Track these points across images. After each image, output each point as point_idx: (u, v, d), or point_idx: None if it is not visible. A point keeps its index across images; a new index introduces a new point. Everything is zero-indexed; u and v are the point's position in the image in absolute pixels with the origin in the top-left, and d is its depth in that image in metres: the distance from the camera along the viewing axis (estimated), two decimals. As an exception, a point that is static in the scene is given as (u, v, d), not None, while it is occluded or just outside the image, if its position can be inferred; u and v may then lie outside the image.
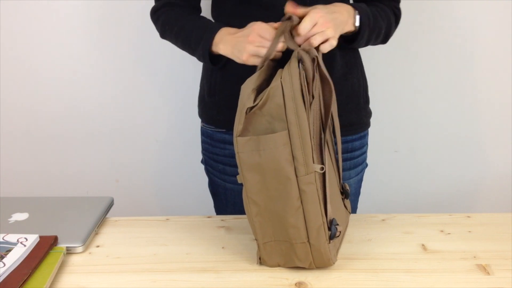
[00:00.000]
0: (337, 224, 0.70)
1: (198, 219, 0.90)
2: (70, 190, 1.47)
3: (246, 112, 0.67)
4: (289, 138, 0.66)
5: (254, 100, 0.68)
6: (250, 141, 0.67)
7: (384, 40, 0.96)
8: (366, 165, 1.08)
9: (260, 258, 0.74)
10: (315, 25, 0.77)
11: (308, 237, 0.69)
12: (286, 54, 0.78)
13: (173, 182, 1.48)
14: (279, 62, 0.81)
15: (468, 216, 0.90)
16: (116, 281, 0.71)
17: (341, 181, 0.83)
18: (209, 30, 0.88)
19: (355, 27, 0.86)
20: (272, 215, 0.70)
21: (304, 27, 0.77)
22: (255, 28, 0.79)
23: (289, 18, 0.78)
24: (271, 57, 0.78)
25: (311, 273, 0.72)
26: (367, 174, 1.09)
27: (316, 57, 0.69)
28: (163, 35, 0.98)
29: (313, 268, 0.72)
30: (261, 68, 0.76)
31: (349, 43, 0.90)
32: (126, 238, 0.83)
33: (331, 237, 0.69)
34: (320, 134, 0.71)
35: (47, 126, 1.40)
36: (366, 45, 0.93)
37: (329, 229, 0.70)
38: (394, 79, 1.35)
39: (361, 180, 1.08)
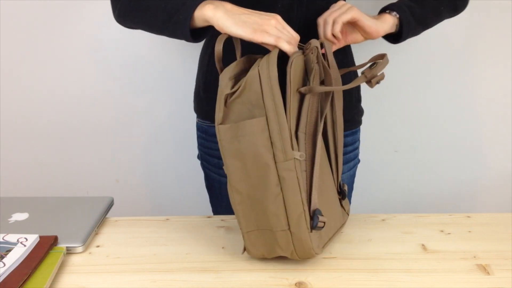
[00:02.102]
0: (321, 215, 0.70)
1: (198, 219, 0.90)
2: (70, 190, 1.47)
3: (225, 99, 0.68)
4: (267, 124, 0.67)
5: (232, 88, 0.68)
6: (231, 129, 0.68)
7: (454, 10, 0.97)
8: (359, 161, 1.10)
9: (245, 248, 0.75)
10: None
11: (288, 225, 0.69)
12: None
13: (174, 181, 1.48)
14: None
15: (468, 216, 0.90)
16: (116, 281, 0.71)
17: (339, 180, 0.83)
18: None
19: (392, 15, 0.89)
20: (254, 202, 0.70)
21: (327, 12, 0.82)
22: (279, 18, 0.75)
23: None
24: None
25: (311, 273, 0.72)
26: (368, 174, 1.10)
27: (317, 47, 0.70)
28: (128, 7, 0.83)
29: (296, 258, 0.72)
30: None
31: (397, 39, 0.92)
32: (126, 238, 0.83)
33: (313, 226, 0.69)
34: (316, 125, 0.71)
35: (47, 126, 1.40)
36: (425, 27, 0.95)
37: (311, 218, 0.69)
38: (394, 79, 1.35)
39: (353, 175, 1.09)
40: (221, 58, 0.73)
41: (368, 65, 0.79)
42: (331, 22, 0.83)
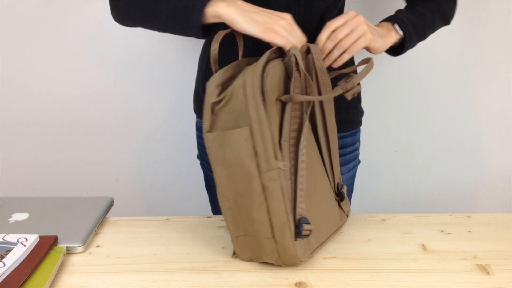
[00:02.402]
0: (307, 223, 0.69)
1: (198, 219, 0.90)
2: (70, 190, 1.47)
3: (211, 108, 0.69)
4: (251, 134, 0.67)
5: (218, 95, 0.69)
6: (217, 137, 0.69)
7: (445, 22, 0.97)
8: (359, 161, 1.09)
9: (234, 252, 0.76)
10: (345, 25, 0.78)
11: (273, 233, 0.70)
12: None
13: (174, 181, 1.48)
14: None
15: (468, 216, 0.90)
16: (116, 281, 0.71)
17: (337, 182, 0.83)
18: None
19: (399, 34, 0.88)
20: (241, 209, 0.71)
21: (332, 23, 0.77)
22: (289, 18, 0.75)
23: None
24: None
25: (311, 273, 0.72)
26: (368, 174, 1.09)
27: (294, 55, 0.70)
28: (128, 6, 0.83)
29: (281, 264, 0.72)
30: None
31: (398, 52, 0.92)
32: (126, 238, 0.83)
33: (298, 235, 0.69)
34: (299, 133, 0.71)
35: (47, 126, 1.40)
36: (421, 40, 0.94)
37: (297, 226, 0.69)
38: (394, 80, 1.35)
39: (353, 176, 1.09)
40: (217, 58, 0.73)
41: (347, 75, 0.78)
42: (342, 49, 0.79)
